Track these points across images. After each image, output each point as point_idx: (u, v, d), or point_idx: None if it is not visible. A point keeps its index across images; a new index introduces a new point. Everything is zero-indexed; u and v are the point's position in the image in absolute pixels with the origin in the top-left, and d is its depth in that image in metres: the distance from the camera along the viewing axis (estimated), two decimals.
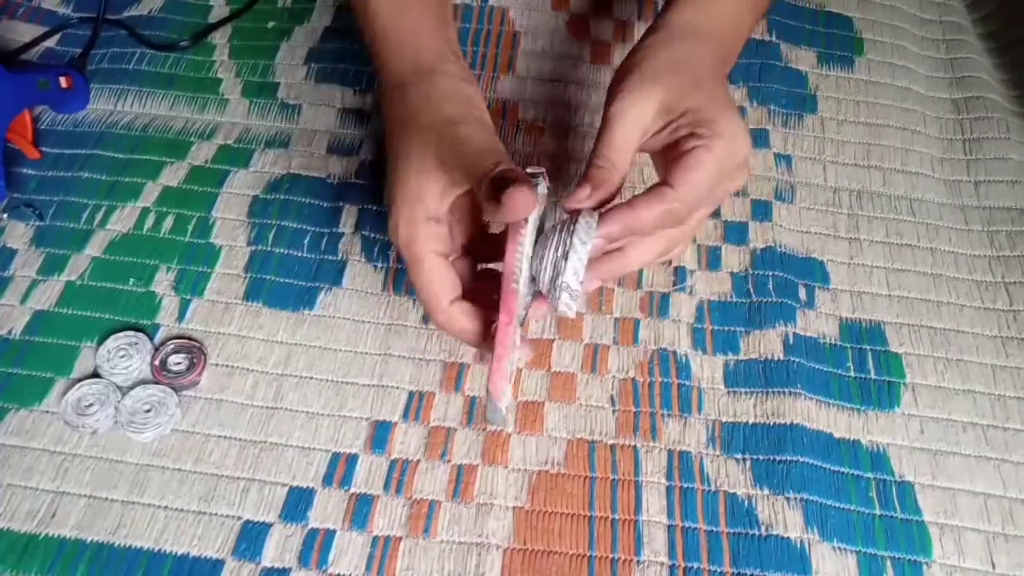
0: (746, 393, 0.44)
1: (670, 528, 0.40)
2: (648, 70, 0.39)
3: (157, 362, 0.44)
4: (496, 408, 0.37)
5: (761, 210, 0.51)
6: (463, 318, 0.38)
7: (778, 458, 0.42)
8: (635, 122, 0.38)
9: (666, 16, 0.42)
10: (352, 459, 0.42)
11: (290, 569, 0.38)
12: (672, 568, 0.39)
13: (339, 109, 0.55)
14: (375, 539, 0.39)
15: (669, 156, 0.39)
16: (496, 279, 0.37)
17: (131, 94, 0.55)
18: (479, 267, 0.42)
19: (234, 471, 0.41)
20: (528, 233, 0.36)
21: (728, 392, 0.44)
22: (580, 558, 0.39)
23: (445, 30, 0.45)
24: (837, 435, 0.43)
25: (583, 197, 0.37)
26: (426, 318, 0.46)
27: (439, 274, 0.38)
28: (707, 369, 0.45)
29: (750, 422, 0.43)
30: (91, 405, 0.42)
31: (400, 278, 0.48)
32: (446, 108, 0.39)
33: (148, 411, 0.42)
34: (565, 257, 0.35)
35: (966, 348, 0.46)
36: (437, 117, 0.39)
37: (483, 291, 0.39)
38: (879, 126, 0.55)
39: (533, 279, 0.37)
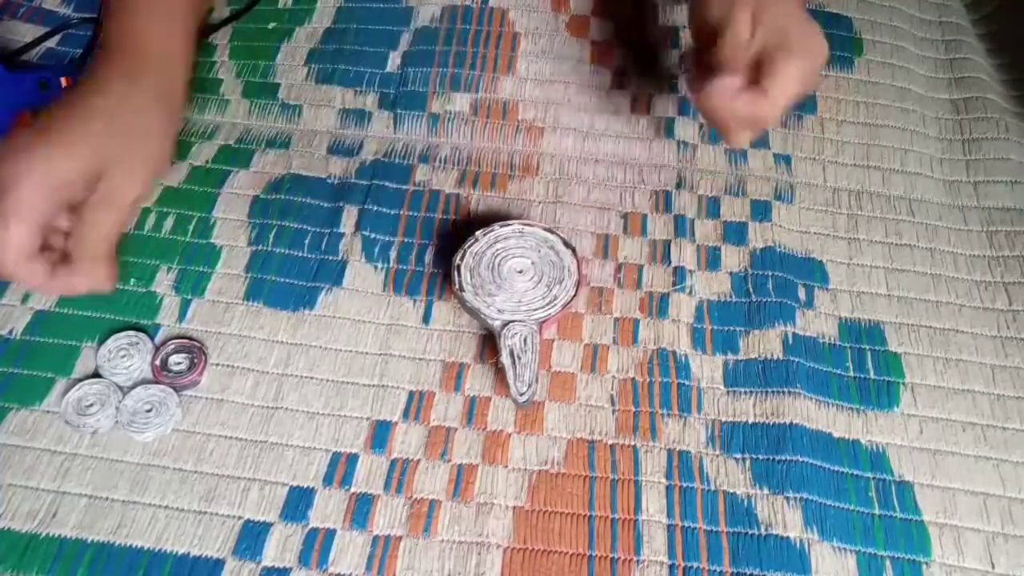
0: (745, 393, 0.44)
1: (670, 528, 0.40)
2: None
3: (158, 362, 0.44)
4: (520, 402, 0.42)
5: (760, 210, 0.51)
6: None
7: (777, 458, 0.42)
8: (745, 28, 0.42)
9: None
10: (352, 459, 0.42)
11: (290, 569, 0.39)
12: (672, 568, 0.39)
13: (339, 110, 0.55)
14: (375, 539, 0.39)
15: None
16: None
17: None
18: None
19: (235, 471, 0.41)
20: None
21: (728, 392, 0.44)
22: (580, 557, 0.39)
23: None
24: (836, 435, 0.43)
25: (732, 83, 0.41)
26: (426, 318, 0.46)
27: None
28: (707, 369, 0.45)
29: (749, 422, 0.43)
30: (92, 405, 0.42)
31: (400, 278, 0.48)
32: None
33: (149, 411, 0.42)
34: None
35: (965, 348, 0.46)
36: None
37: None
38: (878, 126, 0.55)
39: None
